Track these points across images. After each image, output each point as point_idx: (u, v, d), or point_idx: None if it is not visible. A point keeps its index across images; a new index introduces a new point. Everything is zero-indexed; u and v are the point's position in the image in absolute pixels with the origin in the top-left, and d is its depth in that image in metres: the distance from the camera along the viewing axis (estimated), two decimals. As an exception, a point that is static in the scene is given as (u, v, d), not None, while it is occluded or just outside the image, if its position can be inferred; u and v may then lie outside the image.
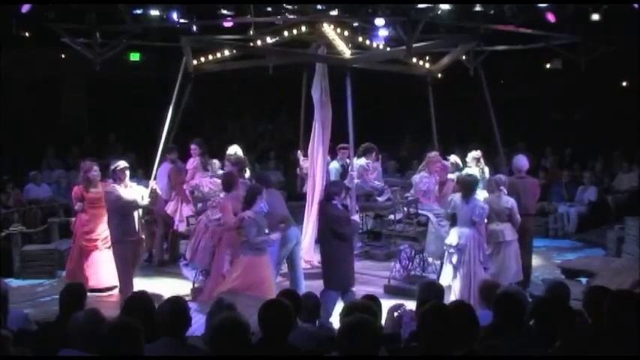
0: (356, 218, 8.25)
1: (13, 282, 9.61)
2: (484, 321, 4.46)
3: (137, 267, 8.98)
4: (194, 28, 10.72)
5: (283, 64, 11.77)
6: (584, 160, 15.13)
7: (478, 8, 9.70)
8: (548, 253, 11.55)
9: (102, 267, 9.15)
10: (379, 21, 9.62)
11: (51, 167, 14.36)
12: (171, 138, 10.22)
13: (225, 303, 4.92)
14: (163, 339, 4.05)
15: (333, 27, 9.80)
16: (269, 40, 10.57)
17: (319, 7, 9.91)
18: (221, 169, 10.02)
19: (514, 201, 8.52)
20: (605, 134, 16.23)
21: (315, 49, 10.21)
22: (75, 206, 9.31)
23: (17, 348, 4.10)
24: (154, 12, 9.89)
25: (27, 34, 13.93)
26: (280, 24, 10.51)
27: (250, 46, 10.73)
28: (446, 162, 10.11)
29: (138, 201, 8.52)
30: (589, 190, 13.45)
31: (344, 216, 7.81)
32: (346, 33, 9.98)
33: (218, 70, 10.95)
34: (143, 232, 8.92)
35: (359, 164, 10.19)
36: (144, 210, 8.82)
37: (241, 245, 7.74)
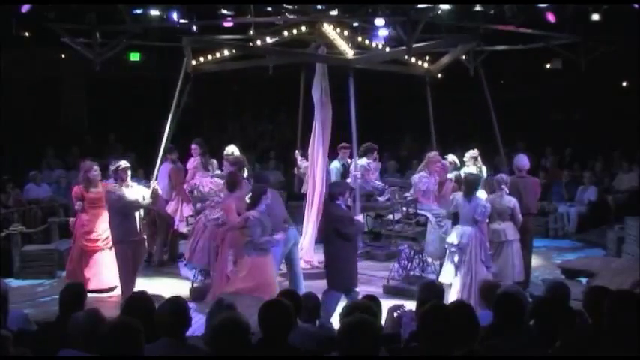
0: (360, 218, 8.22)
1: (13, 282, 9.61)
2: (484, 321, 4.46)
3: (140, 267, 8.95)
4: (194, 28, 10.71)
5: (283, 64, 11.76)
6: (584, 160, 15.13)
7: (478, 8, 9.70)
8: (548, 253, 11.54)
9: (103, 267, 9.16)
10: (379, 21, 9.61)
11: (51, 167, 14.35)
12: (169, 138, 10.21)
13: (225, 303, 4.93)
14: (163, 339, 4.06)
15: (333, 27, 9.81)
16: (269, 40, 10.57)
17: (319, 7, 9.90)
18: (219, 170, 10.02)
19: (516, 200, 8.54)
20: (605, 134, 16.23)
21: (314, 49, 10.21)
22: (75, 206, 9.32)
23: (17, 348, 4.10)
24: (154, 12, 9.87)
25: (27, 34, 13.93)
26: (280, 24, 10.51)
27: (251, 47, 10.72)
28: (445, 162, 10.11)
29: (139, 201, 8.52)
30: (589, 190, 13.45)
31: (348, 216, 7.81)
32: (346, 33, 9.98)
33: (217, 70, 10.93)
34: (144, 232, 8.92)
35: (360, 164, 10.18)
36: (145, 210, 8.81)
37: (245, 245, 7.72)
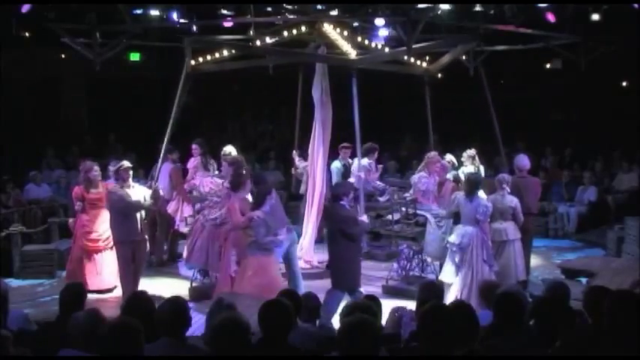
0: (364, 219, 8.21)
1: (13, 282, 9.61)
2: (484, 321, 4.46)
3: (143, 267, 8.90)
4: (194, 28, 10.71)
5: (283, 64, 11.76)
6: (584, 160, 15.13)
7: (478, 8, 9.70)
8: (548, 253, 11.54)
9: (104, 268, 9.16)
10: (379, 21, 9.61)
11: (51, 167, 14.34)
12: (170, 138, 10.20)
13: (225, 303, 4.92)
14: (163, 339, 4.06)
15: (333, 27, 9.80)
16: (269, 40, 10.56)
17: (319, 7, 9.89)
18: (217, 170, 10.01)
19: (517, 200, 8.54)
20: (605, 134, 16.22)
21: (314, 49, 10.21)
22: (75, 206, 9.30)
23: (17, 348, 4.10)
24: (154, 12, 9.87)
25: (27, 34, 13.93)
26: (280, 24, 10.50)
27: (253, 47, 10.69)
28: (445, 162, 10.09)
29: (141, 202, 8.49)
30: (589, 190, 13.44)
31: (352, 216, 7.79)
32: (346, 33, 9.97)
33: (216, 70, 10.92)
34: (146, 233, 8.92)
35: (361, 164, 10.17)
36: (146, 211, 8.81)
37: (249, 246, 7.71)
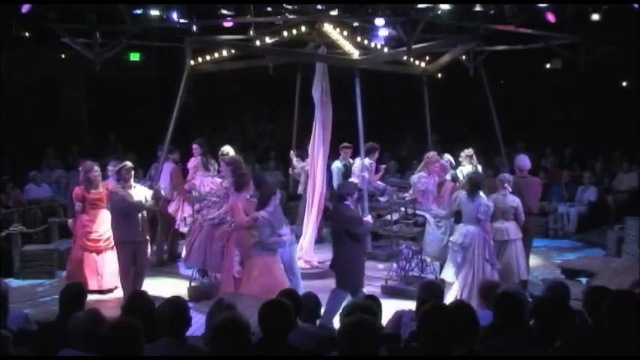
0: (369, 219, 8.20)
1: (13, 282, 9.61)
2: (484, 321, 4.46)
3: (147, 268, 8.86)
4: (194, 28, 10.71)
5: (283, 64, 11.76)
6: (584, 160, 15.13)
7: (478, 8, 9.70)
8: (548, 253, 11.54)
9: (104, 268, 9.14)
10: (379, 21, 9.61)
11: (51, 167, 14.34)
12: (171, 138, 10.20)
13: (225, 303, 4.92)
14: (163, 339, 4.06)
15: (333, 27, 9.80)
16: (268, 40, 10.55)
17: (319, 7, 9.89)
18: (218, 170, 10.01)
19: (519, 200, 8.55)
20: (605, 134, 16.23)
21: (314, 49, 10.21)
22: (75, 207, 9.28)
23: (17, 348, 4.10)
24: (154, 12, 9.88)
25: (27, 34, 13.92)
26: (280, 24, 10.50)
27: (254, 47, 10.68)
28: (444, 162, 10.07)
29: (142, 202, 8.48)
30: (589, 190, 13.44)
31: (357, 216, 7.79)
32: (345, 33, 9.98)
33: (215, 70, 10.91)
34: (148, 233, 8.92)
35: (364, 164, 10.16)
36: (148, 212, 8.81)
37: (254, 246, 7.70)
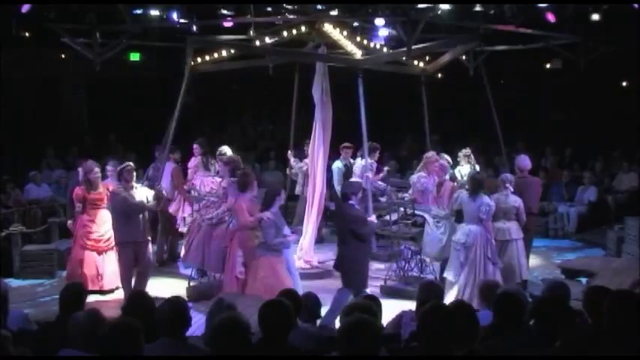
0: (373, 219, 8.20)
1: (13, 282, 9.61)
2: (484, 321, 4.46)
3: (150, 268, 8.83)
4: (194, 28, 10.71)
5: (283, 64, 11.75)
6: (584, 160, 15.14)
7: (478, 8, 9.70)
8: (548, 253, 11.54)
9: (105, 269, 9.13)
10: (379, 21, 9.61)
11: (51, 167, 14.34)
12: (172, 138, 10.19)
13: (225, 303, 4.92)
14: (163, 339, 4.06)
15: (333, 27, 9.80)
16: (268, 40, 10.55)
17: (319, 7, 9.89)
18: (218, 170, 10.01)
19: (521, 200, 8.56)
20: (605, 134, 16.23)
21: (313, 49, 10.20)
22: (75, 207, 9.27)
23: (17, 348, 4.10)
24: (154, 12, 9.88)
25: (27, 34, 13.92)
26: (280, 24, 10.50)
27: (256, 47, 10.67)
28: (444, 162, 10.02)
29: (144, 203, 8.46)
30: (589, 190, 13.45)
31: (362, 216, 7.77)
32: (345, 33, 9.98)
33: (214, 70, 10.90)
34: (149, 234, 8.91)
35: (361, 164, 10.17)
36: (149, 212, 8.81)
37: (259, 246, 7.70)
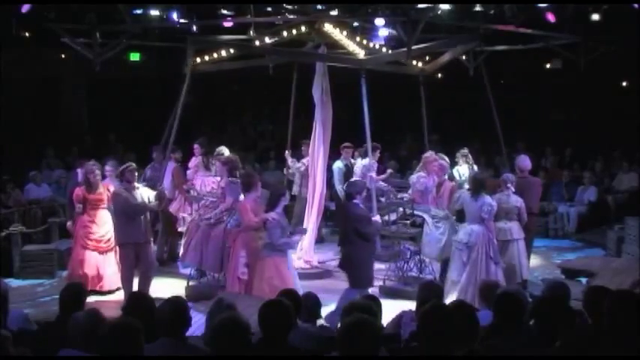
0: (377, 218, 8.19)
1: (13, 282, 9.61)
2: (484, 321, 4.46)
3: (153, 269, 8.81)
4: (194, 28, 10.71)
5: (283, 64, 11.75)
6: (584, 160, 15.14)
7: (478, 8, 9.70)
8: (548, 253, 11.54)
9: (106, 269, 9.13)
10: (379, 21, 9.61)
11: (51, 167, 14.35)
12: (173, 138, 10.18)
13: (225, 303, 4.92)
14: (163, 339, 4.06)
15: (333, 27, 9.80)
16: (268, 40, 10.54)
17: (319, 7, 9.89)
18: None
19: (522, 200, 8.56)
20: (605, 134, 16.23)
21: (313, 49, 10.20)
22: (75, 208, 9.25)
23: (17, 348, 4.10)
24: (154, 12, 9.89)
25: (27, 34, 13.92)
26: (280, 24, 10.50)
27: (256, 47, 10.66)
28: (443, 162, 9.97)
29: (146, 204, 8.45)
30: (589, 190, 13.45)
31: (366, 215, 7.77)
32: (345, 33, 9.98)
33: (215, 70, 10.90)
34: (151, 234, 8.88)
35: (362, 164, 10.16)
36: (152, 213, 8.79)
37: (265, 247, 7.69)
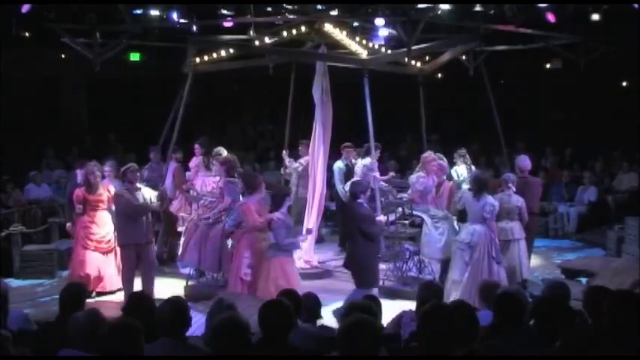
0: (381, 218, 8.19)
1: (13, 282, 9.61)
2: (484, 321, 4.46)
3: (154, 270, 8.79)
4: (194, 28, 10.71)
5: (283, 64, 11.75)
6: (584, 160, 15.14)
7: (478, 8, 9.71)
8: (548, 253, 11.53)
9: (106, 270, 9.12)
10: (379, 21, 9.61)
11: (51, 167, 14.35)
12: (175, 138, 10.18)
13: (225, 303, 4.93)
14: (163, 339, 4.06)
15: (333, 27, 9.80)
16: (268, 41, 10.54)
17: (319, 7, 9.90)
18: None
19: (523, 200, 8.57)
20: (605, 134, 16.23)
21: (312, 49, 10.20)
22: (75, 209, 9.24)
23: (17, 348, 4.10)
24: (154, 12, 9.89)
25: (27, 34, 13.94)
26: (280, 24, 10.50)
27: (256, 47, 10.65)
28: (442, 162, 9.94)
29: (147, 204, 8.45)
30: (589, 190, 13.45)
31: (370, 215, 7.77)
32: (345, 33, 9.98)
33: (214, 70, 10.89)
34: (152, 235, 8.88)
35: (362, 164, 10.15)
36: (153, 213, 8.79)
37: (270, 247, 7.70)
